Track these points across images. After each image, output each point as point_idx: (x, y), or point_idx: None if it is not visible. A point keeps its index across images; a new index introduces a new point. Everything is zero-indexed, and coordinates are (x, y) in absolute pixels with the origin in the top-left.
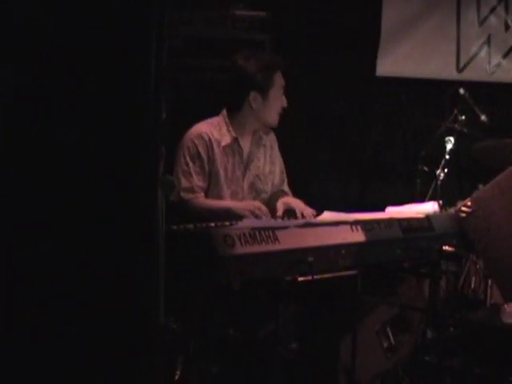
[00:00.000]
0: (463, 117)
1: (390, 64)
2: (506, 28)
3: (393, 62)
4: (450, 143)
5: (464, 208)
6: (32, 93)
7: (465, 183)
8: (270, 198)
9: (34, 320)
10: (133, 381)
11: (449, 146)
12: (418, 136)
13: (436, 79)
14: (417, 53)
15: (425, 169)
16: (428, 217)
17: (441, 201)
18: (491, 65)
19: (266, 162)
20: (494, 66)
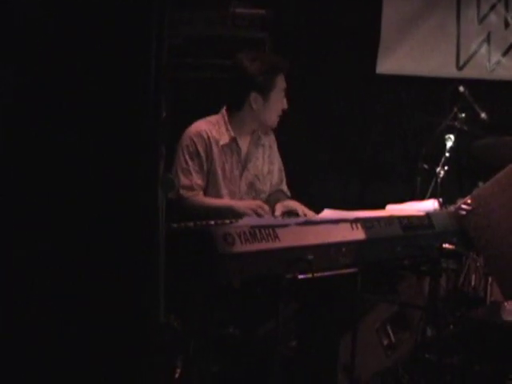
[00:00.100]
0: (463, 114)
1: (391, 62)
2: (506, 25)
3: (393, 60)
4: (450, 141)
5: (464, 206)
6: (32, 93)
7: (465, 181)
8: (269, 198)
9: (34, 320)
10: (133, 381)
11: (449, 144)
12: (418, 134)
13: (436, 77)
14: (417, 51)
15: (425, 167)
16: (428, 215)
17: (441, 198)
18: (491, 62)
19: (265, 162)
20: (494, 64)
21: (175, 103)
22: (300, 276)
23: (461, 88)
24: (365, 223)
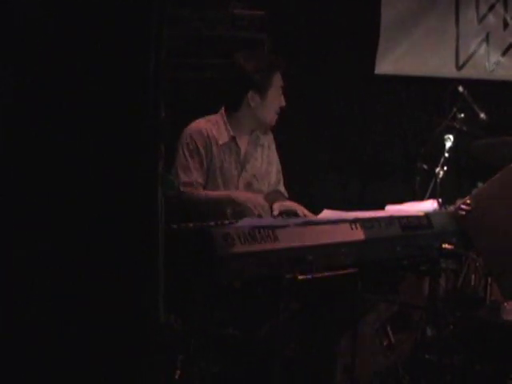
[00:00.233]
0: (462, 115)
1: (390, 62)
2: (505, 26)
3: (392, 61)
4: (450, 141)
5: (463, 206)
6: (32, 93)
7: (464, 181)
8: (266, 198)
9: (34, 320)
10: (133, 381)
11: (448, 144)
12: (418, 134)
13: (435, 77)
14: (416, 51)
15: (424, 167)
16: (427, 215)
17: (440, 199)
18: (490, 62)
19: (263, 162)
20: (493, 64)
21: (175, 103)
22: (300, 276)
23: (460, 88)
24: (364, 223)
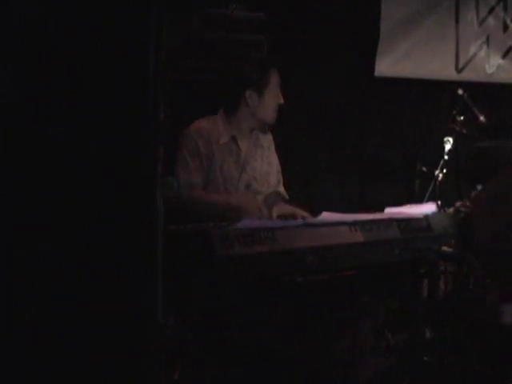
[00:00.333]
0: (462, 117)
1: (389, 64)
2: (505, 28)
3: (392, 63)
4: (449, 144)
5: (463, 208)
6: (32, 93)
7: (463, 184)
8: (266, 199)
9: (34, 320)
10: (133, 381)
11: (447, 147)
12: (417, 136)
13: (435, 79)
14: (416, 53)
15: (423, 169)
16: (426, 217)
17: (439, 201)
18: (490, 65)
19: (263, 163)
20: (493, 67)
21: (175, 104)
22: (299, 278)
23: (460, 91)
24: (363, 226)
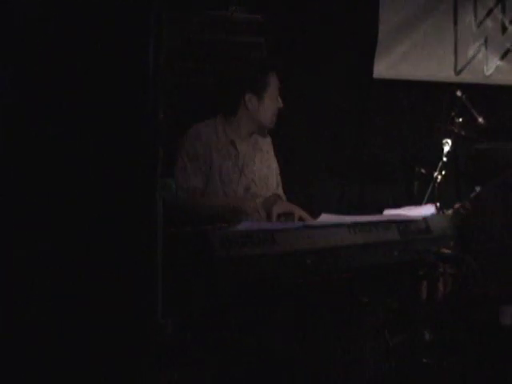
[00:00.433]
0: (461, 119)
1: (388, 66)
2: (503, 30)
3: (390, 65)
4: (448, 145)
5: (461, 210)
6: (32, 93)
7: (462, 185)
8: (265, 202)
9: (34, 320)
10: (133, 381)
11: (446, 149)
12: (416, 138)
13: (433, 81)
14: (414, 55)
15: (422, 171)
16: (425, 219)
17: (438, 203)
18: (488, 67)
19: (263, 166)
20: (492, 68)
21: (174, 105)
22: (298, 280)
23: (458, 92)
24: (362, 227)
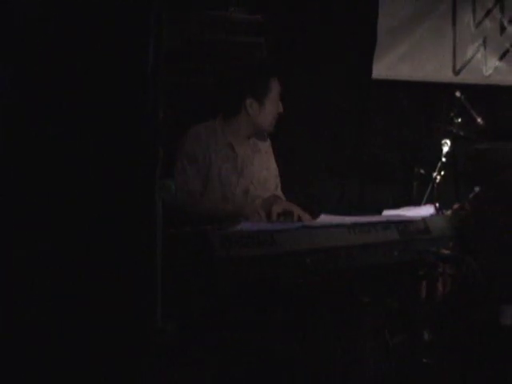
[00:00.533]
0: (459, 119)
1: (387, 67)
2: (502, 30)
3: (389, 65)
4: (447, 146)
5: (461, 210)
6: (32, 93)
7: (461, 185)
8: (264, 203)
9: (34, 320)
10: (133, 381)
11: (445, 149)
12: (415, 139)
13: (432, 82)
14: (413, 56)
15: (421, 171)
16: (425, 219)
17: (437, 203)
18: (487, 67)
19: (261, 168)
20: (490, 69)
21: (172, 106)
22: (298, 280)
23: (457, 93)
24: (362, 228)
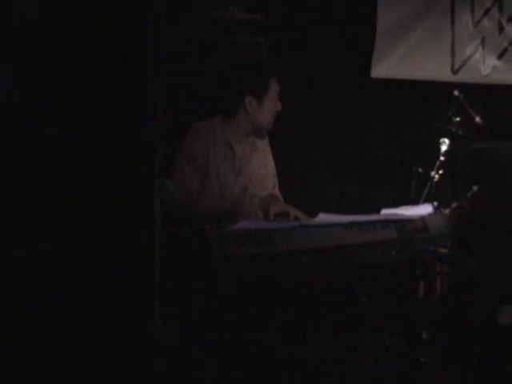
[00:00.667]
0: (458, 118)
1: (385, 67)
2: (500, 30)
3: (388, 65)
4: (445, 145)
5: (459, 209)
6: (32, 93)
7: (459, 184)
8: (262, 202)
9: (34, 320)
10: (133, 381)
11: (443, 148)
12: (413, 138)
13: (431, 81)
14: (412, 55)
15: (420, 170)
16: (423, 218)
17: (435, 202)
18: (486, 66)
19: (259, 167)
20: (489, 68)
21: (172, 106)
22: (295, 279)
23: (455, 92)
24: (360, 227)
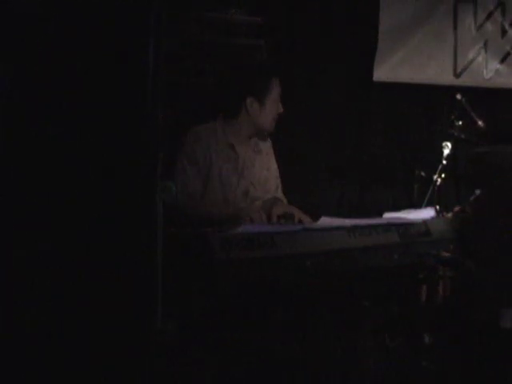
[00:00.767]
0: (460, 122)
1: (387, 70)
2: (503, 33)
3: (390, 68)
4: (447, 148)
5: (461, 213)
6: (32, 93)
7: (462, 188)
8: (264, 205)
9: (34, 320)
10: (133, 381)
11: (446, 152)
12: (416, 141)
13: (433, 84)
14: (414, 58)
15: (422, 174)
16: (425, 222)
17: (438, 206)
18: (488, 70)
19: (262, 169)
20: (491, 72)
21: (172, 107)
22: (298, 283)
23: (458, 96)
24: (362, 230)
